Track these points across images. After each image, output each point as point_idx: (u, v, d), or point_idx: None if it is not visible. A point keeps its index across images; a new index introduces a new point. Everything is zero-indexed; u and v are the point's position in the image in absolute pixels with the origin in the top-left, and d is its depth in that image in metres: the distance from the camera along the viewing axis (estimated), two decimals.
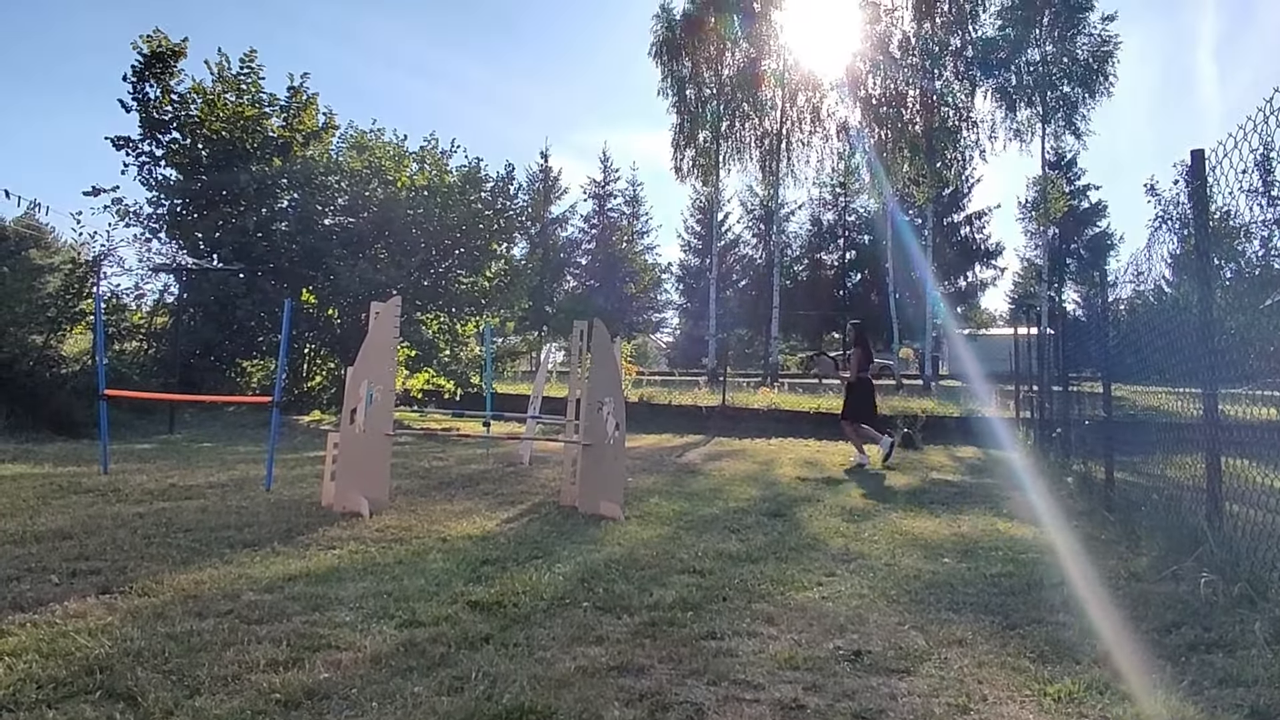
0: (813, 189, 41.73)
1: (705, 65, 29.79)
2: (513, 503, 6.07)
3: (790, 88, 29.51)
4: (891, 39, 27.73)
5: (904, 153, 27.48)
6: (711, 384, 21.25)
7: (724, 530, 5.28)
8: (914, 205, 32.92)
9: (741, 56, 29.58)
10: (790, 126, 29.69)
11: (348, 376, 5.80)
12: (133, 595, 3.16)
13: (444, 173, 17.83)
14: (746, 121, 30.00)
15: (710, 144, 30.12)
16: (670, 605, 3.42)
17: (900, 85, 27.69)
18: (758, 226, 44.38)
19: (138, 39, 15.93)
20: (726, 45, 29.43)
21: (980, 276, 41.96)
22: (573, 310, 37.97)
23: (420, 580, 3.59)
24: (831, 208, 43.81)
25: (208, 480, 6.59)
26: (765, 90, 29.43)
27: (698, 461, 9.84)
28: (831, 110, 29.54)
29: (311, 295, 15.70)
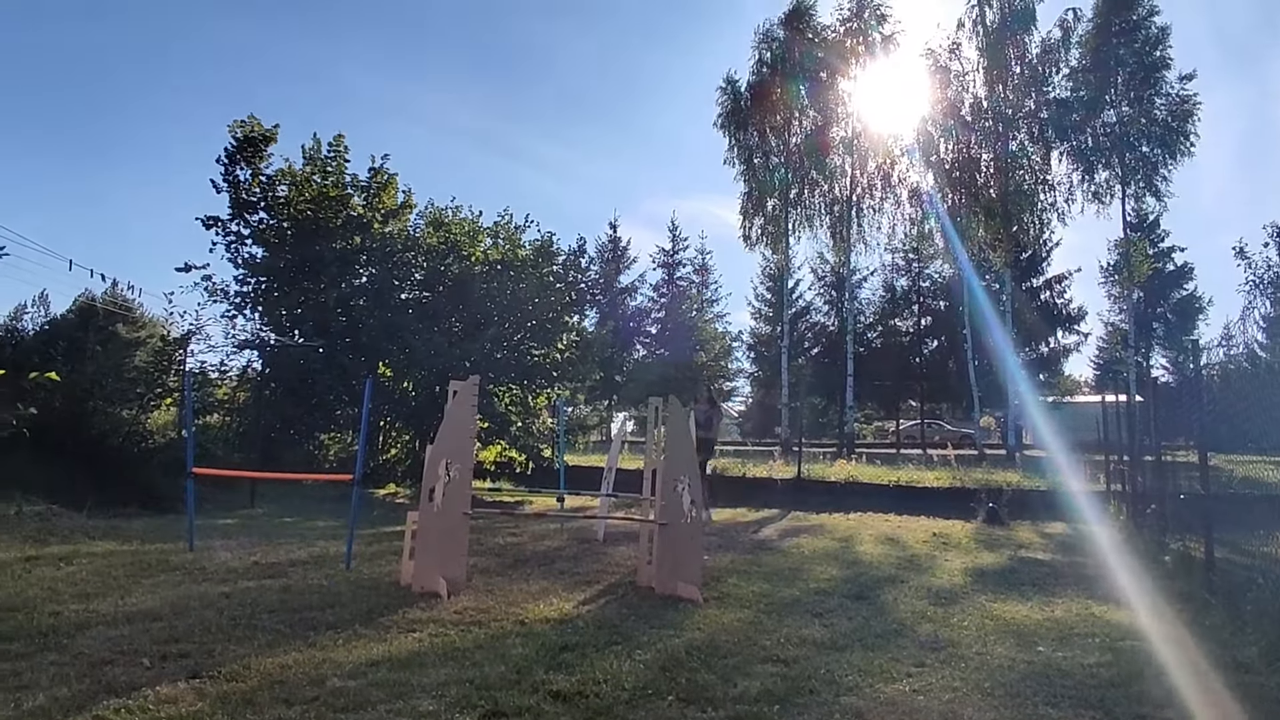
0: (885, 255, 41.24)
1: (772, 134, 30.02)
2: (589, 583, 6.01)
3: (860, 154, 29.51)
4: (963, 103, 27.63)
5: (979, 217, 27.15)
6: (786, 455, 20.96)
7: (806, 614, 5.14)
8: (991, 270, 32.39)
9: (809, 124, 29.74)
10: (861, 192, 29.63)
11: (427, 455, 5.86)
12: (221, 680, 3.18)
13: (517, 247, 18.16)
14: (816, 188, 30.03)
15: (779, 211, 30.19)
16: (755, 698, 3.33)
17: (973, 149, 27.48)
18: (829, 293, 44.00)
19: (232, 124, 16.73)
20: (794, 114, 29.64)
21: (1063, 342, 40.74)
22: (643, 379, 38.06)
23: (500, 667, 3.56)
24: (905, 273, 43.29)
25: (289, 557, 6.67)
26: (834, 157, 29.50)
27: (774, 538, 9.65)
28: (903, 175, 29.41)
29: (388, 368, 16.01)
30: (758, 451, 24.63)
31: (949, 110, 27.60)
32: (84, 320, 33.18)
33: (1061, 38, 27.08)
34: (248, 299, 16.97)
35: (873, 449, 28.86)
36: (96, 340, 25.74)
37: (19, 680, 3.02)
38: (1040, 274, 40.81)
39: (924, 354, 42.48)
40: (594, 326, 24.41)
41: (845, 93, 29.14)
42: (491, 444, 17.21)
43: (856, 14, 29.26)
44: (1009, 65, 27.03)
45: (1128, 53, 26.86)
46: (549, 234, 18.38)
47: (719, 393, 14.84)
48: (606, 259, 42.43)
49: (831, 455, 22.62)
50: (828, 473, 16.31)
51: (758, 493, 14.91)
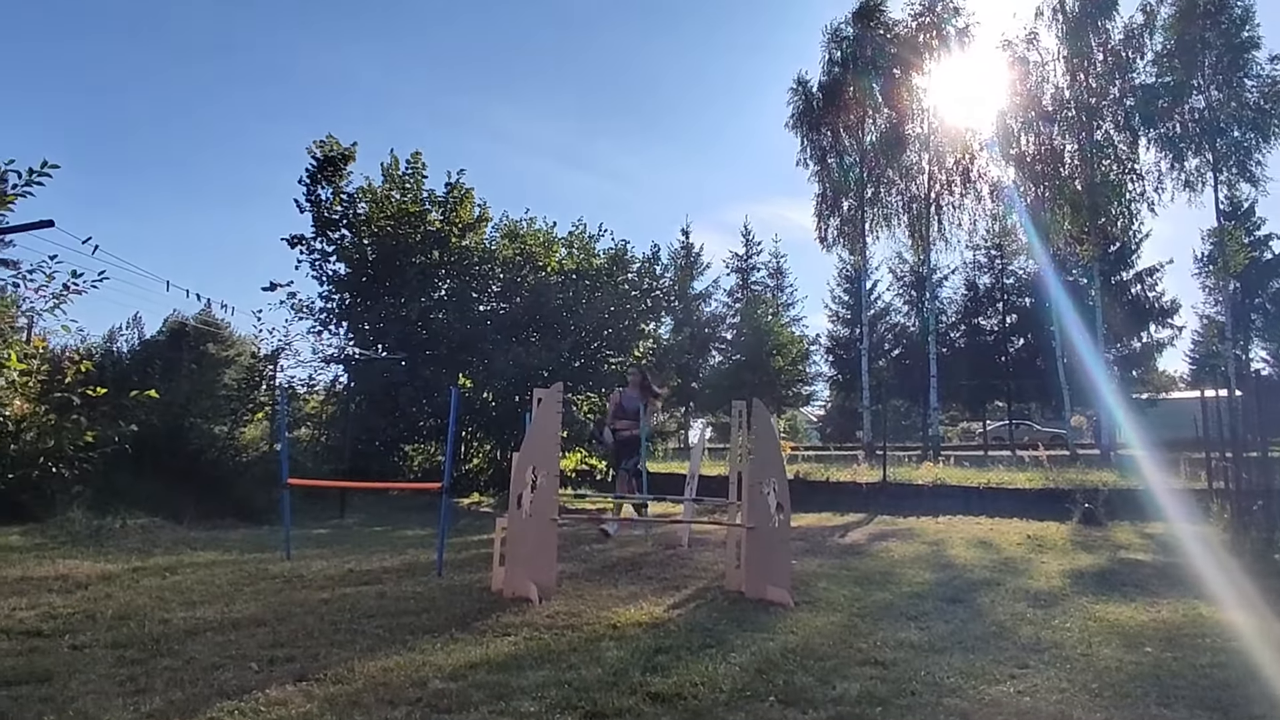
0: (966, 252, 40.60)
1: (846, 133, 29.69)
2: (677, 587, 5.99)
3: (937, 150, 28.98)
4: (1043, 94, 26.89)
5: (1064, 210, 26.35)
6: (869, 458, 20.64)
7: (901, 617, 5.04)
8: (1078, 264, 31.47)
9: (884, 122, 29.31)
10: (939, 189, 29.05)
11: (513, 462, 5.92)
12: (327, 683, 3.25)
13: (591, 256, 18.31)
14: (892, 187, 29.59)
15: (855, 212, 29.81)
16: (856, 700, 3.27)
17: (1056, 141, 26.72)
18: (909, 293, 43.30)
19: (312, 144, 17.21)
20: (867, 112, 29.26)
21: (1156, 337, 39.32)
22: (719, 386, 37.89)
23: (597, 669, 3.56)
24: (988, 270, 42.33)
25: (382, 565, 6.81)
26: (910, 154, 29.03)
27: (863, 542, 9.50)
28: (983, 170, 28.76)
29: (468, 379, 16.26)
30: (840, 456, 24.29)
31: (1029, 102, 26.92)
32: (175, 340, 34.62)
33: (1145, 22, 26.18)
34: (332, 315, 17.44)
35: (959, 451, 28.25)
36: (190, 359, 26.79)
37: (136, 685, 3.13)
38: (1130, 267, 39.44)
39: (1010, 353, 41.40)
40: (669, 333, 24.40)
41: (920, 88, 28.66)
42: (572, 451, 17.34)
43: (929, 8, 28.77)
44: (1091, 53, 26.24)
45: (1214, 34, 25.88)
46: (622, 242, 18.52)
47: (655, 374, 13.89)
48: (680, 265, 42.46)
49: (917, 458, 22.17)
50: (914, 476, 15.97)
51: (842, 497, 14.67)
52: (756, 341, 38.29)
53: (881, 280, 44.00)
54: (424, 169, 17.49)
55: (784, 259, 48.49)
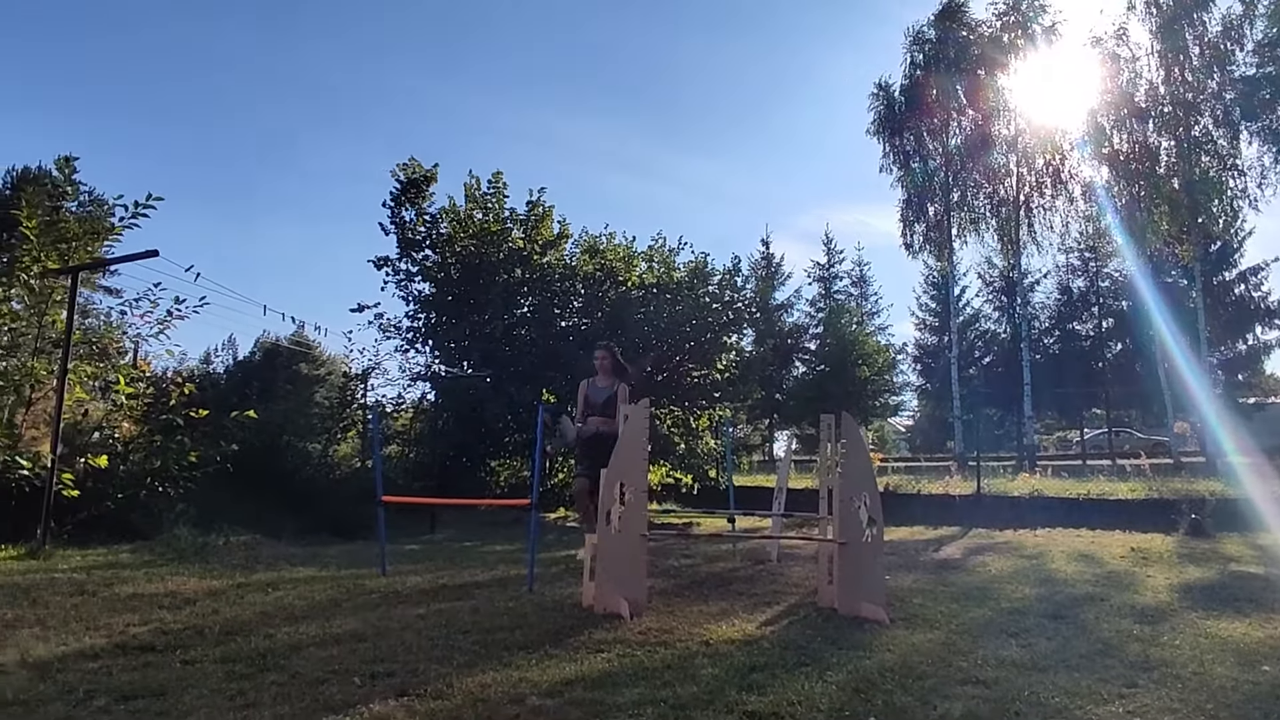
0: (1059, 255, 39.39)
1: (930, 136, 29.17)
2: (768, 604, 5.92)
3: (1025, 151, 28.24)
4: (1136, 90, 25.99)
5: (1161, 209, 25.39)
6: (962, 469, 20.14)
7: (1001, 634, 4.89)
8: (1177, 265, 30.28)
9: (969, 124, 28.73)
10: (1029, 191, 28.30)
11: (602, 478, 5.94)
12: (428, 698, 3.30)
13: (671, 269, 18.33)
14: (980, 190, 28.95)
15: (941, 217, 29.24)
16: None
17: (1151, 138, 25.81)
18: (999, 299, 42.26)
19: (395, 168, 17.63)
20: (951, 114, 28.71)
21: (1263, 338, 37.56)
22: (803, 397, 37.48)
23: (692, 687, 3.54)
24: (1082, 274, 41.04)
25: (474, 580, 6.90)
26: (997, 156, 28.35)
27: (958, 556, 9.26)
28: (1074, 171, 27.89)
29: (551, 395, 16.41)
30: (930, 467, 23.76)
31: (1121, 99, 26.03)
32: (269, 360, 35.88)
33: (1244, 11, 25.08)
34: (418, 333, 17.79)
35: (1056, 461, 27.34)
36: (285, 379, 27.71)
37: (245, 699, 3.23)
38: (1233, 266, 37.80)
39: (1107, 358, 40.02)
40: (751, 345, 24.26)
41: (1005, 89, 27.99)
42: (656, 465, 17.35)
43: (1014, 7, 28.08)
44: (1186, 46, 25.26)
45: None
46: (703, 255, 18.51)
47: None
48: (760, 276, 42.22)
49: (1011, 469, 21.58)
50: (1009, 487, 15.54)
51: (934, 510, 14.36)
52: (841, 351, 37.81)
53: (970, 286, 43.08)
54: (505, 188, 17.73)
55: (867, 266, 47.90)
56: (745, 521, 11.98)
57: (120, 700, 3.17)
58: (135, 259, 9.17)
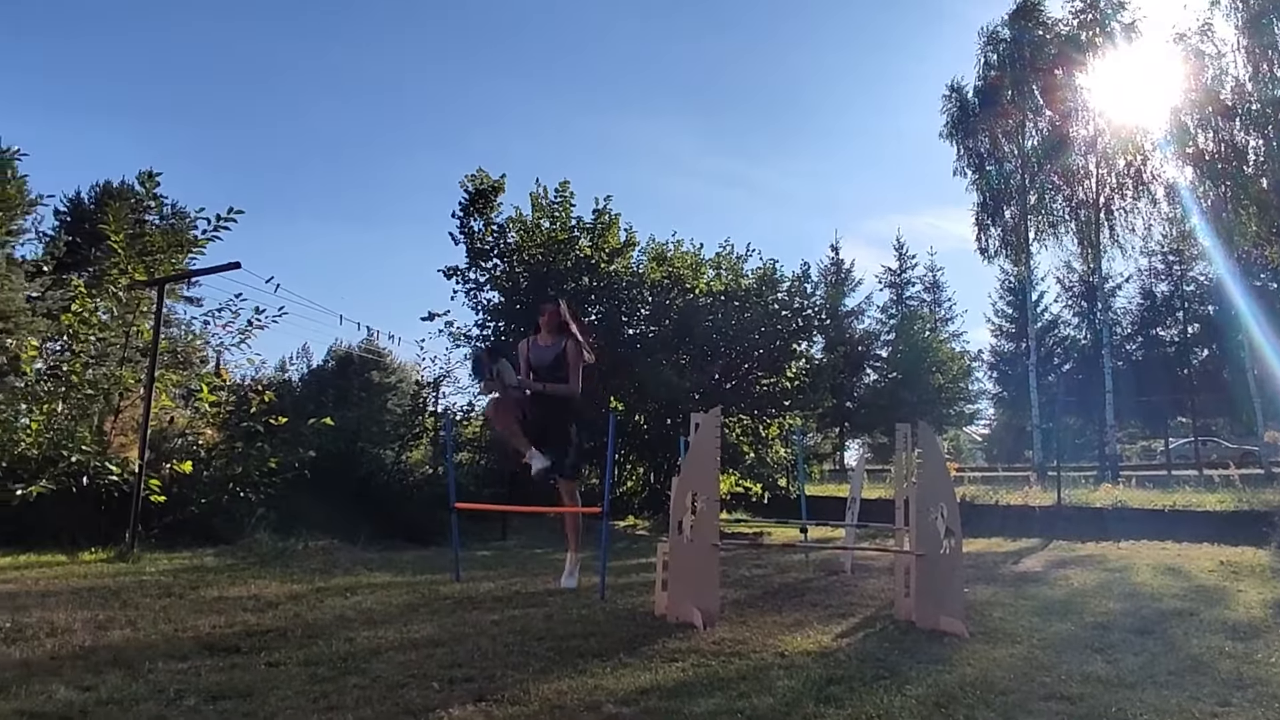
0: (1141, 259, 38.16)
1: (1005, 138, 28.55)
2: (844, 615, 5.83)
3: (1105, 152, 27.48)
4: (1222, 88, 25.10)
5: (1249, 210, 24.49)
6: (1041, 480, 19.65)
7: (1086, 650, 4.73)
8: (1267, 268, 29.15)
9: (1045, 125, 28.07)
10: (1109, 194, 27.53)
11: (673, 486, 5.92)
12: (505, 704, 3.32)
13: (740, 276, 18.27)
14: (1058, 193, 28.23)
15: (1018, 220, 28.60)
16: None
17: (1238, 137, 24.91)
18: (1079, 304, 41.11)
19: (464, 179, 17.87)
20: (1027, 116, 28.09)
21: None
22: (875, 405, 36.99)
23: (768, 699, 3.49)
24: (1165, 278, 39.71)
25: (546, 588, 6.94)
26: (1076, 158, 27.63)
27: (1038, 569, 9.02)
28: (1156, 172, 27.05)
29: (619, 402, 16.44)
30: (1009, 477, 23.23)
31: (1206, 97, 25.17)
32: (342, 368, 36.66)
33: None
34: (488, 341, 17.99)
35: (1140, 471, 26.43)
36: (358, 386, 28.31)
37: (328, 701, 3.28)
38: None
39: (1193, 364, 38.66)
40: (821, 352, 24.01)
41: (1083, 88, 27.26)
42: (725, 474, 17.27)
43: (1091, 4, 27.39)
44: (1275, 41, 24.33)
45: None
46: (771, 261, 18.44)
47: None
48: (830, 282, 41.78)
49: (1093, 479, 20.96)
50: (1091, 498, 15.13)
51: (1013, 521, 14.04)
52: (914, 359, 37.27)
53: (1048, 291, 42.00)
54: (571, 197, 17.84)
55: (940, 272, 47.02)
56: (817, 531, 11.85)
57: (209, 700, 3.25)
58: (219, 271, 9.47)
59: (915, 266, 46.62)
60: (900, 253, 46.74)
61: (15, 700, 3.13)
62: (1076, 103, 27.41)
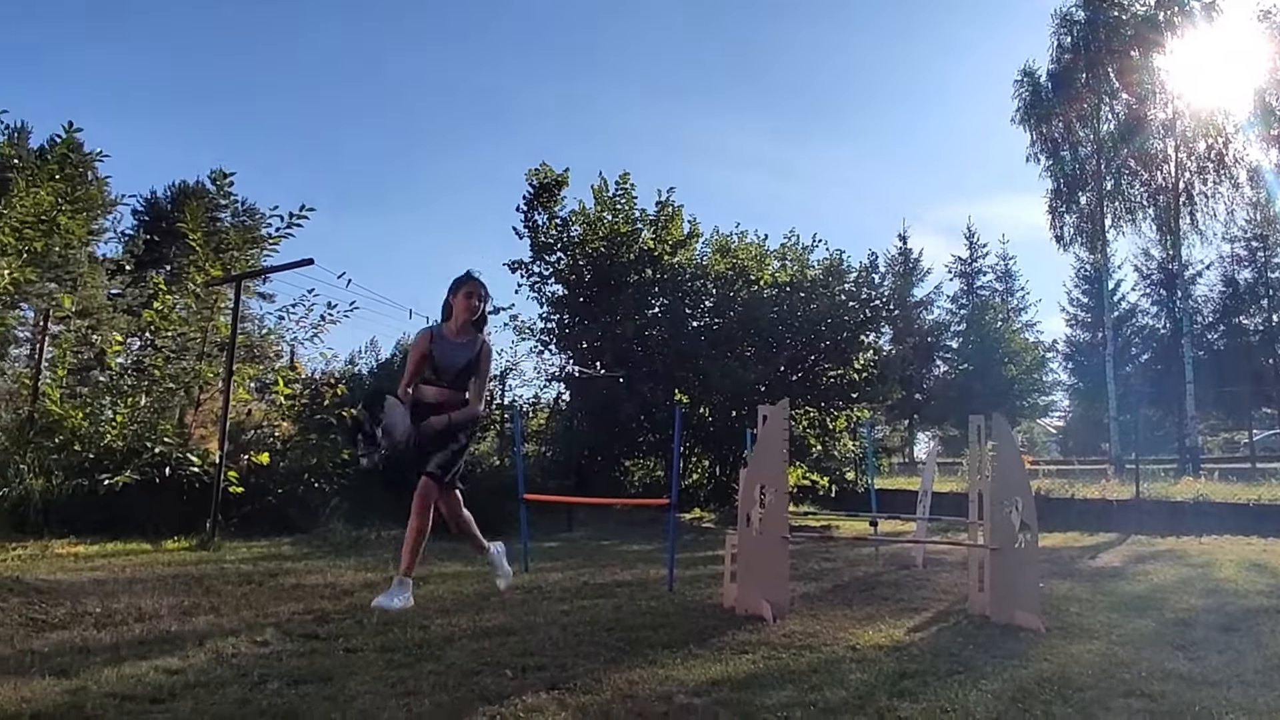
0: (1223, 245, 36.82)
1: (1080, 123, 27.78)
2: (916, 610, 5.76)
3: (1184, 135, 26.58)
4: None
5: None
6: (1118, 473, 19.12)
7: (1167, 646, 4.61)
8: None
9: (1122, 109, 27.24)
10: (1189, 178, 26.62)
11: (741, 479, 5.90)
12: (577, 692, 3.35)
13: (805, 267, 18.08)
14: (1135, 178, 27.39)
15: (1094, 207, 27.81)
16: None
17: None
18: (1157, 292, 39.82)
19: (528, 172, 17.98)
20: (1103, 99, 27.28)
21: None
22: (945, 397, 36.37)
23: (841, 692, 3.47)
24: (1249, 264, 38.28)
25: (614, 579, 6.98)
26: (1154, 142, 26.77)
27: (1116, 564, 8.80)
28: (1239, 155, 26.08)
29: (684, 395, 16.41)
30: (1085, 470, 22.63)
31: None
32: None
33: None
34: (552, 335, 18.15)
35: (1222, 463, 25.53)
36: None
37: (405, 687, 3.35)
38: None
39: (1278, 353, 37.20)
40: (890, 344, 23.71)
41: (1161, 70, 26.35)
42: (792, 467, 17.14)
43: None
44: None
45: None
46: (837, 252, 18.21)
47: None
48: (898, 273, 41.13)
49: (1173, 472, 20.35)
50: (1171, 491, 14.68)
51: (1089, 516, 13.70)
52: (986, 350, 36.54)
53: (1126, 280, 40.76)
54: (633, 189, 17.81)
55: (1013, 260, 45.89)
56: (887, 525, 11.71)
57: (291, 684, 3.35)
58: (293, 267, 9.68)
59: (987, 255, 45.63)
60: (971, 241, 45.81)
61: (106, 684, 3.25)
62: (1154, 85, 26.54)
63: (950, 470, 22.56)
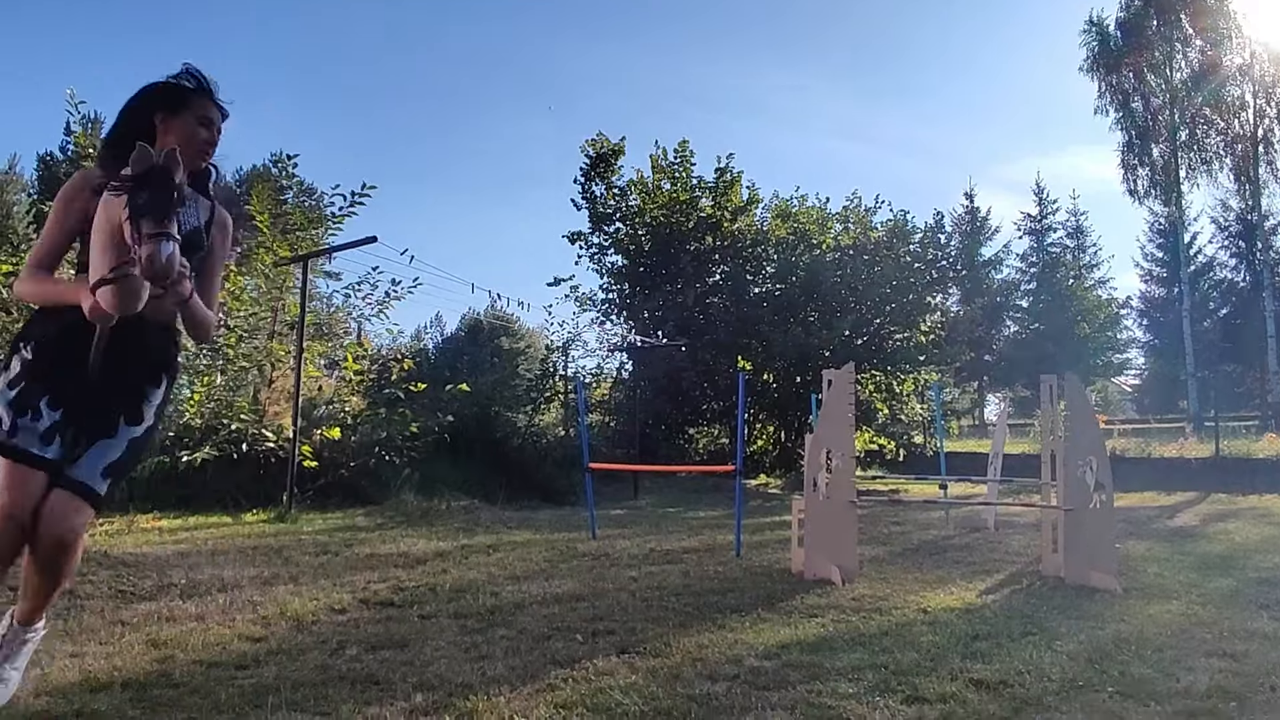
0: None
1: (1151, 72, 26.76)
2: (987, 572, 5.69)
3: (1261, 81, 25.45)
4: None
5: None
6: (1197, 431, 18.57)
7: (1250, 606, 4.50)
8: None
9: (1195, 56, 26.17)
10: (1269, 124, 25.54)
11: (807, 444, 5.87)
12: (647, 655, 3.39)
13: (869, 229, 17.82)
14: (1210, 127, 26.36)
15: (1168, 158, 26.84)
16: (1205, 694, 2.93)
17: None
18: (1235, 244, 38.21)
19: (584, 144, 17.94)
20: (1175, 46, 26.23)
21: None
22: (1016, 357, 35.60)
23: (912, 654, 3.45)
24: None
25: (681, 545, 7.01)
26: (1230, 89, 25.67)
27: (1195, 524, 8.58)
28: None
29: (747, 362, 16.35)
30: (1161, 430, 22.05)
31: None
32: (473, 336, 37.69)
33: None
34: (613, 305, 18.19)
35: None
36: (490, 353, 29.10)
37: (479, 651, 3.43)
38: None
39: None
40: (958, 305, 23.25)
41: (1236, 13, 25.21)
42: (859, 432, 17.00)
43: None
44: None
45: None
46: (901, 213, 17.95)
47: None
48: (965, 232, 40.20)
49: (1254, 429, 19.70)
50: (1252, 449, 14.25)
51: (1167, 475, 13.36)
52: (1057, 308, 35.65)
53: (1202, 232, 39.20)
54: (691, 156, 17.67)
55: (1084, 216, 44.34)
56: (958, 488, 11.57)
57: (369, 650, 3.44)
58: (358, 245, 9.85)
59: (1057, 211, 44.17)
60: (1040, 197, 44.38)
61: (193, 652, 3.38)
62: (1229, 28, 25.40)
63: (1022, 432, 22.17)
